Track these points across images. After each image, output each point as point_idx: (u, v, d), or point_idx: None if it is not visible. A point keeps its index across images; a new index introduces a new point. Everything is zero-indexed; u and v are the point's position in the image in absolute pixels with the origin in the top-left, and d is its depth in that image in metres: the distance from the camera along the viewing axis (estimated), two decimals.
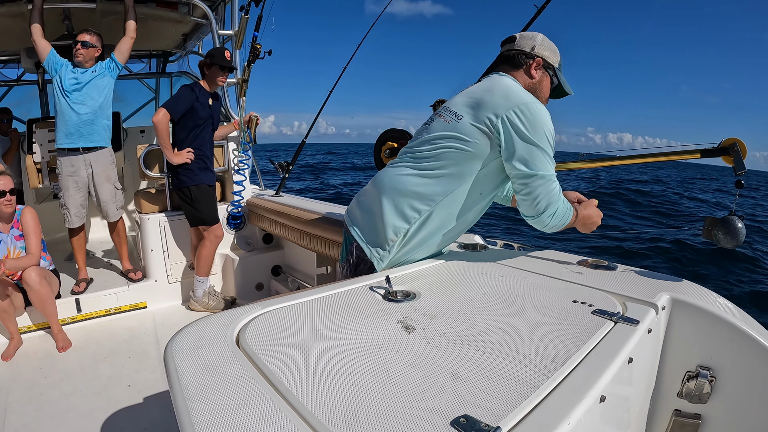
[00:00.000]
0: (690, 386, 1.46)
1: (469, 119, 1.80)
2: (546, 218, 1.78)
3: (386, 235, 1.90)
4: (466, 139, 1.80)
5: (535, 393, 0.95)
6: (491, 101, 1.78)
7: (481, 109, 1.79)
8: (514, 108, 1.73)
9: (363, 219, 2.02)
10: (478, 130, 1.78)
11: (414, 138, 2.01)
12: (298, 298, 1.48)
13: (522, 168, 1.74)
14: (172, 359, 1.09)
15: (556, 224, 1.81)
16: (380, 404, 0.92)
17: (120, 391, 2.85)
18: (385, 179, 1.97)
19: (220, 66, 3.87)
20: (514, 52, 1.94)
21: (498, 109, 1.75)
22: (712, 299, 1.53)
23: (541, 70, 1.92)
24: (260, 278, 4.47)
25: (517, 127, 1.72)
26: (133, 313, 4.06)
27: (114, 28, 4.24)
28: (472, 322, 1.31)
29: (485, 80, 1.94)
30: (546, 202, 1.75)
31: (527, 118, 1.72)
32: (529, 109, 1.73)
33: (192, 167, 3.89)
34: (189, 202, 3.94)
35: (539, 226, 1.83)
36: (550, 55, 1.94)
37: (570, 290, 1.55)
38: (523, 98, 1.76)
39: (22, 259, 3.31)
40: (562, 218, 1.80)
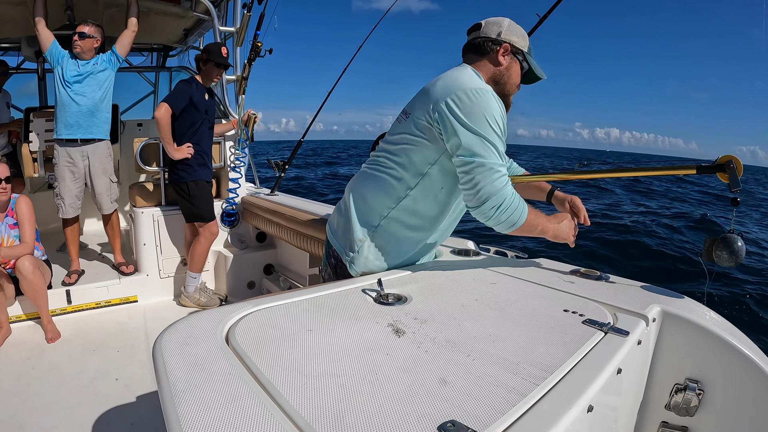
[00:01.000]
0: (678, 399, 1.46)
1: (415, 115, 1.77)
2: (489, 210, 1.66)
3: (354, 236, 1.89)
4: (414, 136, 1.76)
5: (523, 401, 0.95)
6: (433, 92, 1.73)
7: (425, 102, 1.74)
8: (451, 95, 1.67)
9: (338, 222, 2.02)
10: (423, 124, 1.74)
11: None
12: (289, 298, 1.48)
13: (460, 156, 1.66)
14: (161, 354, 1.09)
15: (504, 220, 1.68)
16: (368, 407, 0.92)
17: (108, 385, 2.84)
18: (354, 182, 1.99)
19: (216, 63, 3.87)
20: (480, 39, 1.85)
21: (437, 99, 1.69)
22: (702, 313, 1.53)
23: (509, 56, 1.84)
24: (252, 276, 4.46)
25: (455, 114, 1.65)
26: (123, 307, 4.04)
27: (116, 20, 4.24)
28: (463, 327, 1.31)
29: (443, 74, 1.84)
30: (487, 193, 1.64)
31: (464, 104, 1.65)
32: (467, 94, 1.66)
33: (190, 163, 3.88)
34: (186, 198, 3.93)
35: (484, 220, 1.71)
36: (518, 39, 1.86)
37: (561, 299, 1.55)
38: (463, 84, 1.69)
39: (15, 248, 3.30)
40: (512, 215, 1.68)
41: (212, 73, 3.92)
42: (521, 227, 1.72)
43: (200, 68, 3.94)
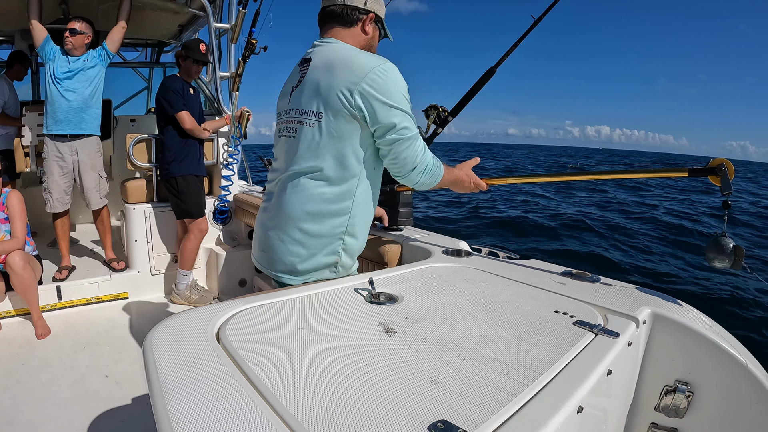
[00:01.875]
0: (667, 400, 1.47)
1: (329, 113, 1.68)
2: (416, 176, 1.76)
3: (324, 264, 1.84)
4: (340, 132, 1.69)
5: (513, 401, 0.95)
6: (337, 80, 1.66)
7: (331, 93, 1.67)
8: (365, 79, 1.63)
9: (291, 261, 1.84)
10: (343, 116, 1.67)
11: (280, 159, 1.87)
12: (281, 296, 1.47)
13: (389, 135, 1.68)
14: (151, 352, 1.09)
15: (426, 181, 1.80)
16: (358, 406, 0.92)
17: (98, 382, 2.83)
18: (287, 208, 1.80)
19: (194, 59, 3.87)
20: (345, 8, 1.79)
21: (349, 84, 1.64)
22: (692, 315, 1.54)
23: (372, 24, 1.84)
24: (244, 274, 4.45)
25: (375, 97, 1.63)
26: (114, 304, 4.03)
27: (110, 15, 4.21)
28: (454, 327, 1.31)
29: (316, 57, 1.76)
30: (414, 162, 1.72)
31: (381, 84, 1.64)
32: (379, 75, 1.64)
33: (179, 157, 3.87)
34: (175, 194, 3.92)
35: (410, 184, 1.81)
36: (380, 7, 1.86)
37: (552, 300, 1.56)
38: (367, 64, 1.65)
39: (6, 243, 3.28)
40: (432, 175, 1.79)
41: (191, 70, 3.93)
42: (439, 183, 1.86)
43: (179, 65, 3.94)
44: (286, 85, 1.90)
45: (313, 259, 1.81)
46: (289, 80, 1.88)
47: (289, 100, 1.83)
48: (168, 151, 3.88)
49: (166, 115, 3.83)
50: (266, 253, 1.90)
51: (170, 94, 3.79)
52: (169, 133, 3.87)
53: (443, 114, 2.57)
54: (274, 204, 1.85)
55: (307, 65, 1.77)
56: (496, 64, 2.63)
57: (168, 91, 3.79)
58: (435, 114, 2.58)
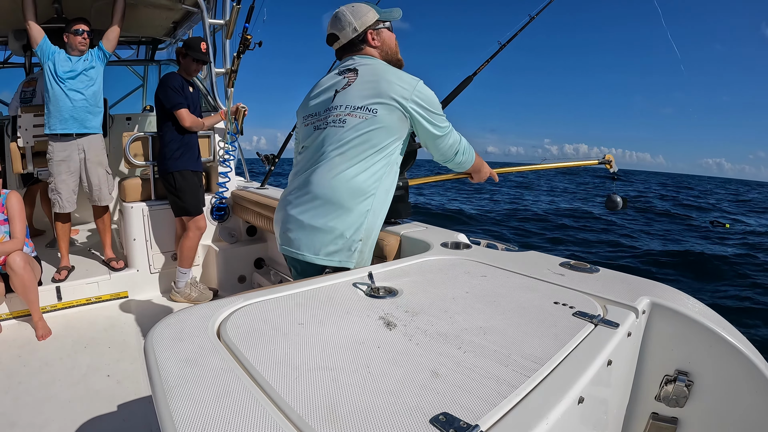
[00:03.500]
0: (668, 390, 1.48)
1: (381, 110, 1.93)
2: (459, 157, 2.18)
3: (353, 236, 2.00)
4: (388, 126, 1.95)
5: (514, 392, 0.96)
6: (385, 88, 1.93)
7: (381, 96, 1.93)
8: (414, 92, 1.94)
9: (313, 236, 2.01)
10: (391, 116, 1.94)
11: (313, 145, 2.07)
12: (280, 292, 1.47)
13: (436, 133, 2.04)
14: (152, 350, 1.09)
15: (466, 160, 2.21)
16: (360, 400, 0.92)
17: (99, 381, 2.83)
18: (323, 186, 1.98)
19: (194, 58, 3.86)
20: (346, 44, 2.09)
21: (398, 93, 1.93)
22: (691, 304, 1.55)
23: (375, 33, 2.08)
24: (243, 270, 4.45)
25: (423, 106, 1.96)
26: (114, 303, 4.03)
27: (104, 13, 4.20)
28: (454, 320, 1.31)
29: (363, 67, 2.02)
30: (455, 148, 2.14)
31: (425, 95, 1.96)
32: (421, 89, 1.96)
33: (176, 153, 3.85)
34: (173, 191, 3.91)
35: (455, 166, 2.25)
36: (369, 17, 2.07)
37: (552, 292, 1.56)
38: (412, 80, 1.96)
39: (6, 244, 3.27)
40: (469, 153, 2.21)
41: (191, 68, 3.94)
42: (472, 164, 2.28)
43: (179, 62, 3.93)
44: (321, 89, 2.11)
45: (343, 239, 1.99)
46: (326, 85, 2.09)
47: (333, 99, 2.03)
48: (166, 147, 3.87)
49: (166, 112, 3.83)
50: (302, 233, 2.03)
51: (169, 92, 3.77)
52: (167, 129, 3.86)
53: None
54: (305, 183, 2.03)
55: (351, 74, 2.02)
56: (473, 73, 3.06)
57: (167, 89, 3.78)
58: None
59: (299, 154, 2.16)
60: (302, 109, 2.19)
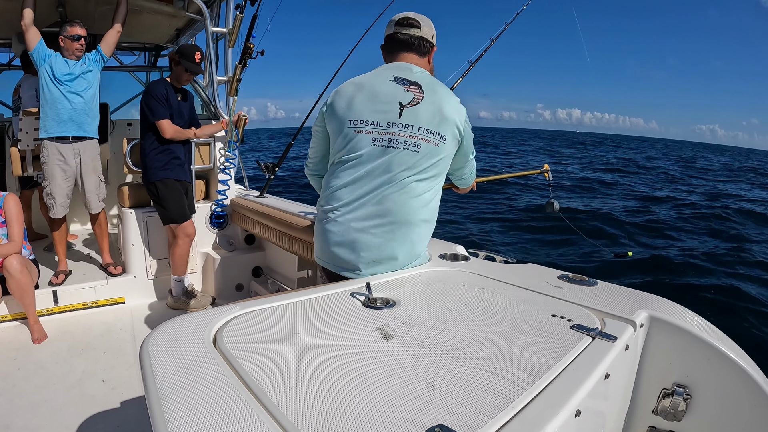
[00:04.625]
0: (665, 404, 1.47)
1: (449, 137, 1.96)
2: (473, 177, 2.36)
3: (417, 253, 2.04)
4: (450, 153, 2.03)
5: (511, 405, 0.95)
6: (451, 114, 1.94)
7: (448, 123, 1.95)
8: (465, 117, 2.00)
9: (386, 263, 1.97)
10: (453, 143, 2.01)
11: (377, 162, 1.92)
12: (278, 301, 1.47)
13: (471, 157, 2.18)
14: (148, 357, 1.08)
15: (472, 177, 2.36)
16: (356, 411, 0.91)
17: (94, 387, 2.82)
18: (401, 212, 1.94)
19: (185, 68, 3.83)
20: (418, 39, 2.01)
21: (458, 120, 1.97)
22: (689, 318, 1.54)
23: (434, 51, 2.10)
24: (240, 279, 4.44)
25: (469, 132, 2.05)
26: (110, 308, 4.01)
27: (107, 18, 4.21)
28: (451, 332, 1.31)
29: (425, 83, 1.95)
30: (475, 170, 2.32)
31: (468, 121, 2.04)
32: (466, 116, 2.01)
33: (158, 162, 3.82)
34: (156, 200, 3.88)
35: (467, 185, 2.41)
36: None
37: (549, 304, 1.56)
38: (461, 106, 2.00)
39: (3, 246, 3.26)
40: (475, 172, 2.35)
41: (181, 77, 3.88)
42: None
43: (171, 68, 3.90)
44: (378, 95, 1.93)
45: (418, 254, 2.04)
46: (385, 93, 1.93)
47: (400, 115, 1.90)
48: (147, 156, 3.83)
49: (147, 122, 3.79)
50: (365, 252, 1.96)
51: (152, 101, 3.72)
52: (149, 138, 3.81)
53: None
54: (377, 207, 1.94)
55: (416, 89, 1.92)
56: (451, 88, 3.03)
57: (150, 98, 3.73)
58: None
59: (347, 164, 1.97)
60: (344, 109, 1.96)
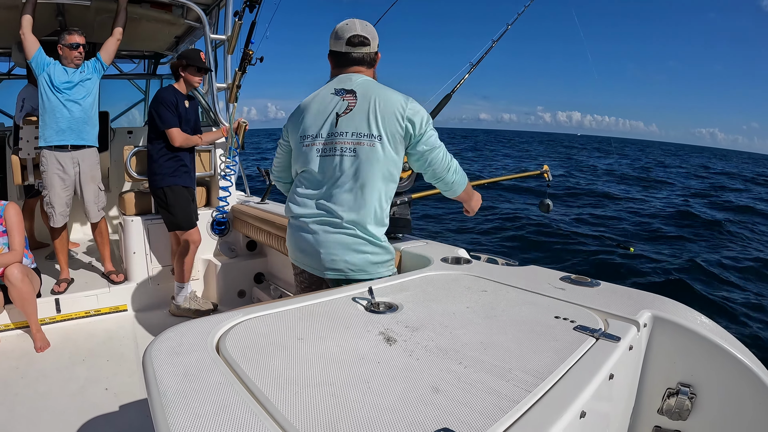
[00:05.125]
0: (670, 403, 1.47)
1: (386, 135, 2.00)
2: (451, 175, 2.13)
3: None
4: (392, 151, 2.02)
5: (515, 407, 0.95)
6: (389, 109, 2.00)
7: (386, 120, 2.00)
8: (411, 109, 2.01)
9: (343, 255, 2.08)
10: (396, 138, 2.02)
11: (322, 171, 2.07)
12: (280, 307, 1.47)
13: (426, 147, 2.05)
14: (151, 364, 1.08)
15: (459, 180, 2.17)
16: (360, 416, 0.91)
17: (97, 394, 2.81)
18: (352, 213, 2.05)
19: (197, 67, 3.84)
20: (367, 55, 2.12)
21: (399, 113, 2.00)
22: (693, 317, 1.54)
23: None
24: (242, 285, 4.43)
25: (414, 121, 2.01)
26: (113, 316, 4.01)
27: (106, 26, 4.22)
28: (454, 335, 1.30)
29: (360, 90, 2.05)
30: (447, 163, 2.10)
31: (416, 110, 2.02)
32: (412, 105, 2.03)
33: (166, 169, 3.83)
34: (164, 206, 3.88)
35: (447, 185, 2.17)
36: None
37: (552, 306, 1.56)
38: (402, 99, 2.03)
39: (4, 255, 3.26)
40: (462, 174, 2.18)
41: (193, 79, 3.88)
42: (465, 189, 2.23)
43: (179, 75, 3.90)
44: (320, 109, 2.09)
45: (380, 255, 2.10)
46: (324, 104, 2.08)
47: (336, 124, 2.04)
48: (155, 162, 3.84)
49: (157, 129, 3.80)
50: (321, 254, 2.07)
51: (162, 109, 3.73)
52: (157, 145, 3.81)
53: None
54: (329, 211, 2.06)
55: (350, 96, 2.04)
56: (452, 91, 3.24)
57: (160, 105, 3.74)
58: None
59: (303, 174, 2.16)
60: (297, 127, 2.15)
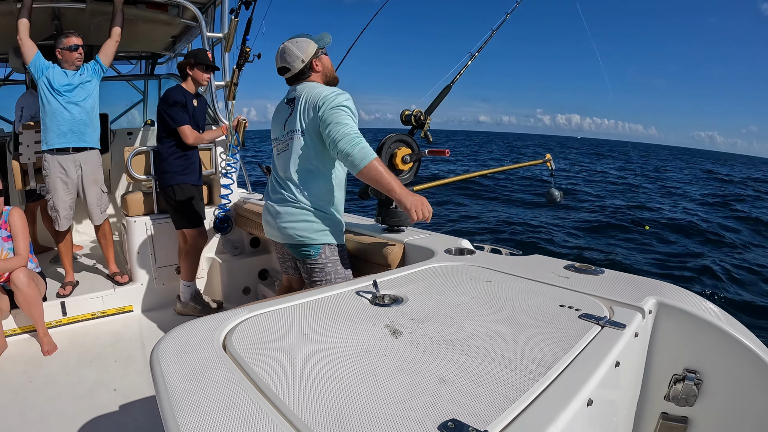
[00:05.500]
0: (677, 389, 1.47)
1: (308, 124, 2.32)
2: (343, 146, 2.18)
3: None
4: (313, 137, 2.33)
5: (522, 397, 0.95)
6: (311, 102, 2.31)
7: (308, 112, 2.31)
8: (327, 94, 2.27)
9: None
10: (313, 124, 2.30)
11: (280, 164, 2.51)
12: (285, 303, 1.47)
13: (327, 122, 2.23)
14: (159, 363, 1.09)
15: (355, 153, 2.16)
16: (368, 409, 0.92)
17: (105, 396, 2.82)
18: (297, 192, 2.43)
19: (205, 65, 3.85)
20: (297, 73, 2.43)
21: (317, 101, 2.28)
22: (698, 303, 1.54)
23: (317, 60, 2.43)
24: (247, 282, 4.44)
25: (325, 107, 2.24)
26: (119, 317, 4.02)
27: (103, 29, 4.21)
28: (460, 326, 1.31)
29: (300, 96, 2.38)
30: (341, 134, 2.19)
31: (331, 99, 2.25)
32: (329, 95, 2.26)
33: (176, 167, 3.85)
34: (173, 204, 3.90)
35: (343, 156, 2.21)
36: (312, 49, 2.40)
37: (557, 295, 1.56)
38: (323, 92, 2.29)
39: (10, 260, 3.27)
40: (361, 149, 2.16)
41: (202, 77, 3.89)
42: (368, 168, 2.17)
43: (186, 74, 3.90)
44: (277, 118, 2.54)
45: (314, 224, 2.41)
46: (280, 114, 2.52)
47: (283, 127, 2.47)
48: (165, 161, 3.86)
49: (168, 128, 3.82)
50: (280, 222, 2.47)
51: (172, 108, 3.76)
52: (168, 143, 3.84)
53: (419, 115, 2.96)
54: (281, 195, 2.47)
55: (292, 103, 2.42)
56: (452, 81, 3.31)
57: (170, 105, 3.76)
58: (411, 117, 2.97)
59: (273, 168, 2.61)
60: (271, 132, 2.62)
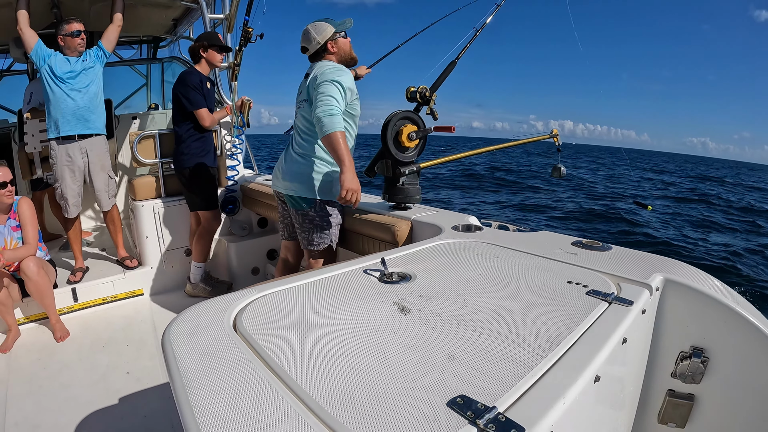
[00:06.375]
0: (683, 366, 1.47)
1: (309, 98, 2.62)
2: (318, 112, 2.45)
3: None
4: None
5: (530, 373, 0.96)
6: (313, 79, 2.60)
7: (312, 87, 2.61)
8: (324, 70, 2.59)
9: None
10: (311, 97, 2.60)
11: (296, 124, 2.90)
12: (294, 282, 1.48)
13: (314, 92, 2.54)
14: (170, 345, 1.10)
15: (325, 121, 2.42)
16: (377, 385, 0.92)
17: (119, 380, 2.86)
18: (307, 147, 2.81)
19: (219, 47, 3.85)
20: (314, 53, 2.75)
21: (316, 75, 2.59)
22: (705, 280, 1.54)
23: (333, 42, 2.72)
24: (256, 262, 4.46)
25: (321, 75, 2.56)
26: (129, 301, 4.06)
27: (103, 15, 4.19)
28: (468, 303, 1.31)
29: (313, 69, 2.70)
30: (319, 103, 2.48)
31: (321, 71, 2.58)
32: (327, 68, 2.60)
33: (194, 150, 3.86)
34: (187, 186, 3.92)
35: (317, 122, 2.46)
36: (328, 32, 2.70)
37: (565, 271, 1.56)
38: (323, 67, 2.62)
39: (19, 250, 3.29)
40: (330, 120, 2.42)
41: (215, 59, 3.90)
42: (330, 136, 2.42)
43: (199, 57, 3.89)
44: (299, 89, 2.87)
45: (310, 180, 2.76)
46: (301, 86, 2.85)
47: (299, 95, 2.85)
48: (183, 143, 3.86)
49: (185, 111, 3.81)
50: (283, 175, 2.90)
51: (190, 91, 3.76)
52: (185, 126, 3.84)
53: (425, 92, 3.14)
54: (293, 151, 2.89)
55: (307, 78, 2.74)
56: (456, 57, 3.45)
57: (187, 88, 3.76)
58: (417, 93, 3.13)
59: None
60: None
